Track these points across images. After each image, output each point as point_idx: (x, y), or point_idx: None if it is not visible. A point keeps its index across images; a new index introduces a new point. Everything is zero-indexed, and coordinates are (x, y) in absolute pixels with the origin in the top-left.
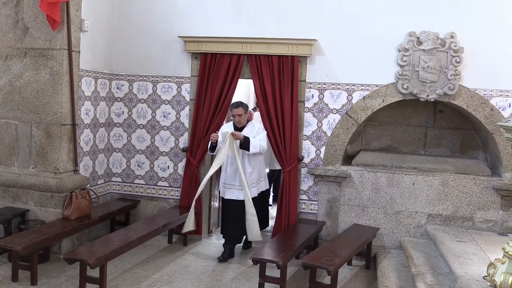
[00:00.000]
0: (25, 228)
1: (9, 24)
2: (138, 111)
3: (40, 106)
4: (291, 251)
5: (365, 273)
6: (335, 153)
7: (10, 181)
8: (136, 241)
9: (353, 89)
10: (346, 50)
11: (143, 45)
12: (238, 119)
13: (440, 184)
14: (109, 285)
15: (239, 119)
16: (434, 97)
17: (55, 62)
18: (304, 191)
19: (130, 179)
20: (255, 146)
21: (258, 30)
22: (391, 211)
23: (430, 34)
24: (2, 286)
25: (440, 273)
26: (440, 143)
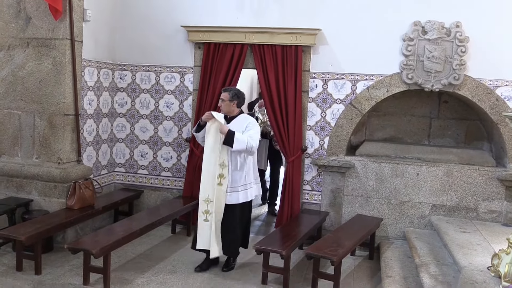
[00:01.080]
0: (29, 218)
1: (11, 13)
2: (141, 101)
3: (43, 96)
4: (294, 241)
5: (368, 263)
6: (339, 144)
7: (13, 171)
8: (140, 231)
9: (357, 79)
10: (351, 40)
11: (146, 35)
12: (220, 105)
13: (445, 174)
14: (113, 274)
15: (220, 104)
16: (439, 87)
17: (57, 52)
18: (308, 182)
19: (134, 169)
20: (240, 143)
21: (262, 19)
22: (395, 201)
23: (435, 24)
24: (7, 275)
25: (444, 264)
26: (445, 133)
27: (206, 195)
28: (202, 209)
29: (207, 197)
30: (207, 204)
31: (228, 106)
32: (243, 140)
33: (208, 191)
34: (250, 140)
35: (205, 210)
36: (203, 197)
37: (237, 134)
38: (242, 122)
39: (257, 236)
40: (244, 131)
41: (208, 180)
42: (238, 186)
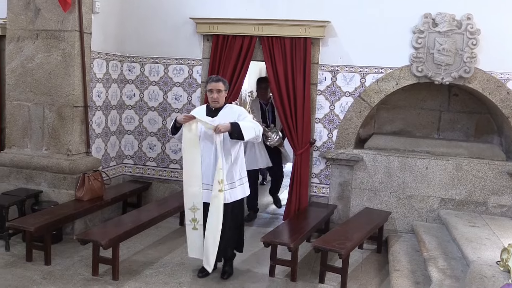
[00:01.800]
0: (39, 209)
1: (20, 5)
2: (149, 94)
3: (52, 88)
4: (302, 234)
5: (376, 256)
6: (348, 137)
7: (23, 163)
8: (148, 223)
9: (366, 71)
10: (360, 32)
11: (155, 27)
12: (216, 96)
13: (454, 168)
14: (122, 265)
15: (217, 97)
16: (449, 80)
17: (66, 44)
18: (316, 175)
19: (142, 161)
20: (248, 130)
21: (271, 11)
22: (404, 195)
23: (446, 16)
24: (17, 266)
25: (452, 258)
26: (454, 127)
27: (191, 203)
28: (189, 218)
29: (193, 205)
30: (193, 212)
31: (223, 97)
32: (249, 126)
33: (193, 198)
34: (254, 125)
35: (193, 219)
36: (188, 205)
37: (241, 123)
38: (231, 112)
39: (265, 228)
40: (238, 120)
41: (193, 188)
42: (235, 181)
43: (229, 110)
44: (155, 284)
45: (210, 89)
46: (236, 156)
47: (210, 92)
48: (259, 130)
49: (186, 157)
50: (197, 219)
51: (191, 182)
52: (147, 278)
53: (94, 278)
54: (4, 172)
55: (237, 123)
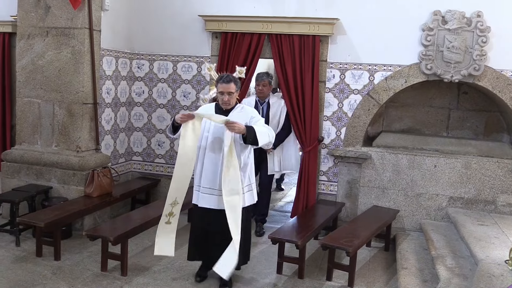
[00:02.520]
0: (49, 205)
1: (31, 3)
2: (158, 91)
3: (62, 85)
4: (310, 232)
5: (384, 254)
6: (356, 134)
7: (33, 159)
8: (157, 219)
9: (375, 69)
10: (369, 30)
11: (164, 25)
12: (228, 99)
13: (463, 166)
14: (130, 261)
15: (228, 99)
16: (458, 78)
17: (76, 41)
18: (324, 172)
19: (151, 158)
20: (263, 135)
21: (279, 9)
22: (412, 193)
23: (456, 13)
24: (27, 261)
25: (460, 256)
26: (464, 125)
27: (174, 197)
28: (166, 212)
29: (174, 200)
30: (172, 207)
31: (235, 98)
32: (263, 131)
33: (177, 193)
34: (267, 129)
35: (169, 213)
36: (170, 200)
37: (256, 128)
38: (243, 114)
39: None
40: (251, 123)
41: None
42: (244, 187)
43: (240, 112)
44: (163, 280)
45: (221, 91)
46: (246, 161)
47: (221, 94)
48: (272, 136)
49: (180, 160)
50: (173, 213)
51: (180, 181)
52: (155, 274)
53: (103, 274)
54: (14, 168)
55: (253, 127)
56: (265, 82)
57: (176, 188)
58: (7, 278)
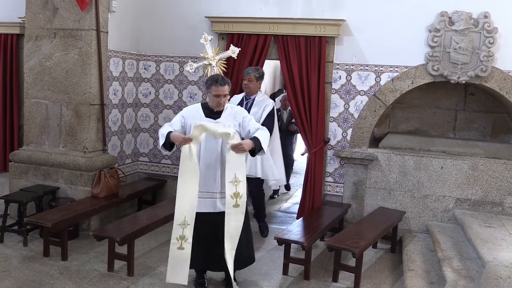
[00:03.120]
0: (56, 205)
1: (39, 5)
2: (165, 92)
3: (70, 86)
4: (316, 233)
5: (390, 256)
6: (362, 136)
7: (41, 160)
8: (163, 220)
9: (381, 70)
10: (375, 31)
11: (170, 26)
12: (223, 101)
13: (470, 168)
14: (137, 262)
15: (224, 101)
16: (465, 79)
17: (83, 42)
18: (330, 173)
19: (157, 159)
20: (265, 140)
21: (286, 10)
22: (418, 194)
23: (462, 14)
24: (34, 261)
25: (467, 258)
26: (471, 126)
27: (182, 217)
28: (176, 235)
29: (183, 220)
30: (183, 228)
31: (227, 99)
32: (264, 135)
33: (185, 212)
34: (264, 131)
35: (180, 236)
36: (178, 220)
37: (260, 137)
38: (233, 113)
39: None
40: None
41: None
42: None
43: (230, 111)
44: None
45: (217, 94)
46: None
47: (216, 97)
48: (269, 135)
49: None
50: (185, 236)
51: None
52: (161, 275)
53: (110, 274)
54: (22, 169)
55: (258, 138)
56: (251, 77)
57: (182, 206)
58: (14, 278)
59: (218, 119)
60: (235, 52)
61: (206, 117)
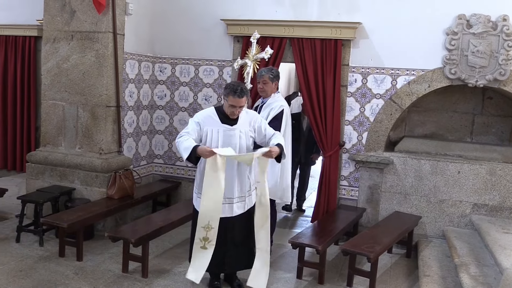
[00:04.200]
0: (71, 206)
1: (57, 7)
2: (180, 94)
3: (86, 88)
4: (330, 237)
5: (405, 261)
6: (378, 139)
7: (57, 161)
8: (177, 222)
9: (397, 73)
10: (392, 34)
11: (186, 29)
12: (238, 112)
13: (487, 173)
14: (151, 263)
15: (238, 112)
16: (483, 83)
17: (100, 45)
18: (345, 177)
19: (172, 161)
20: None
21: (301, 13)
22: (435, 199)
23: (481, 17)
24: (50, 261)
25: (484, 265)
26: (488, 130)
27: (206, 220)
28: (200, 236)
29: (207, 223)
30: (206, 231)
31: (241, 110)
32: (282, 140)
33: (209, 215)
34: (279, 134)
35: (204, 238)
36: (202, 223)
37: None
38: (249, 118)
39: (293, 230)
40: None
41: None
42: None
43: (245, 116)
44: (183, 282)
45: (233, 105)
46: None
47: (232, 107)
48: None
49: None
50: (209, 238)
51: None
52: (175, 276)
53: (124, 275)
54: (39, 170)
55: (281, 145)
56: (265, 79)
57: (207, 210)
58: (30, 277)
59: (234, 125)
60: (267, 52)
61: (223, 123)
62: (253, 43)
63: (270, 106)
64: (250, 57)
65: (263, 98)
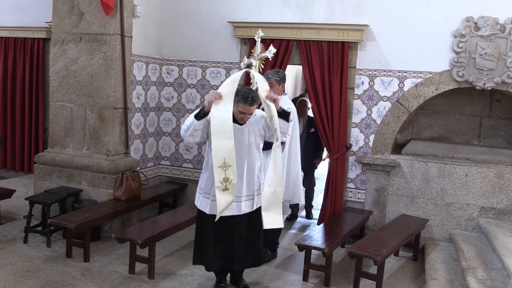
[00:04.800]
0: (79, 207)
1: (65, 10)
2: (187, 96)
3: (94, 90)
4: (337, 239)
5: (412, 264)
6: (385, 142)
7: (65, 162)
8: (184, 223)
9: (405, 76)
10: (399, 36)
11: (193, 31)
12: (247, 118)
13: (495, 176)
14: (157, 265)
15: (247, 118)
16: (491, 86)
17: (108, 47)
18: (352, 180)
19: (179, 162)
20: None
21: (308, 15)
22: (442, 202)
23: (489, 19)
24: (57, 262)
25: (492, 268)
26: (496, 133)
27: (221, 159)
28: (220, 178)
29: (223, 162)
30: (224, 170)
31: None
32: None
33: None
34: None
35: (224, 178)
36: (218, 162)
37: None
38: (257, 119)
39: (299, 232)
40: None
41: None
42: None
43: (252, 118)
44: (189, 284)
45: (243, 112)
46: (264, 163)
47: (241, 114)
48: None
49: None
50: (229, 178)
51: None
52: (182, 278)
53: (131, 276)
54: (47, 171)
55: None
56: (272, 82)
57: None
58: (38, 278)
59: (243, 125)
60: (271, 52)
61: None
62: (257, 41)
63: None
64: (255, 56)
65: None
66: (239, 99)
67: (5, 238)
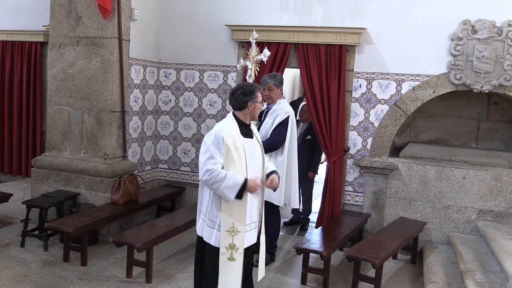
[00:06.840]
0: (76, 211)
1: (63, 13)
2: (185, 99)
3: (91, 93)
4: (335, 242)
5: (410, 267)
6: (382, 145)
7: (62, 166)
8: (182, 227)
9: (402, 79)
10: (396, 39)
11: (191, 34)
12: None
13: (493, 179)
14: (155, 268)
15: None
16: (488, 89)
17: (106, 50)
18: (350, 183)
19: (176, 166)
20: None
21: (306, 18)
22: (440, 205)
23: (486, 23)
24: (55, 266)
25: (490, 271)
26: (494, 136)
27: (230, 222)
28: (226, 244)
29: (232, 226)
30: (232, 236)
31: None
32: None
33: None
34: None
35: (230, 245)
36: (226, 226)
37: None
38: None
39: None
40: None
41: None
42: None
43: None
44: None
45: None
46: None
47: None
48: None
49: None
50: (236, 245)
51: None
52: (179, 282)
53: (128, 280)
54: (44, 174)
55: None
56: (270, 86)
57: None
58: (35, 282)
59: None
60: (265, 55)
61: (245, 137)
62: (252, 43)
63: (276, 112)
64: (251, 58)
65: (269, 104)
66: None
67: (2, 242)
